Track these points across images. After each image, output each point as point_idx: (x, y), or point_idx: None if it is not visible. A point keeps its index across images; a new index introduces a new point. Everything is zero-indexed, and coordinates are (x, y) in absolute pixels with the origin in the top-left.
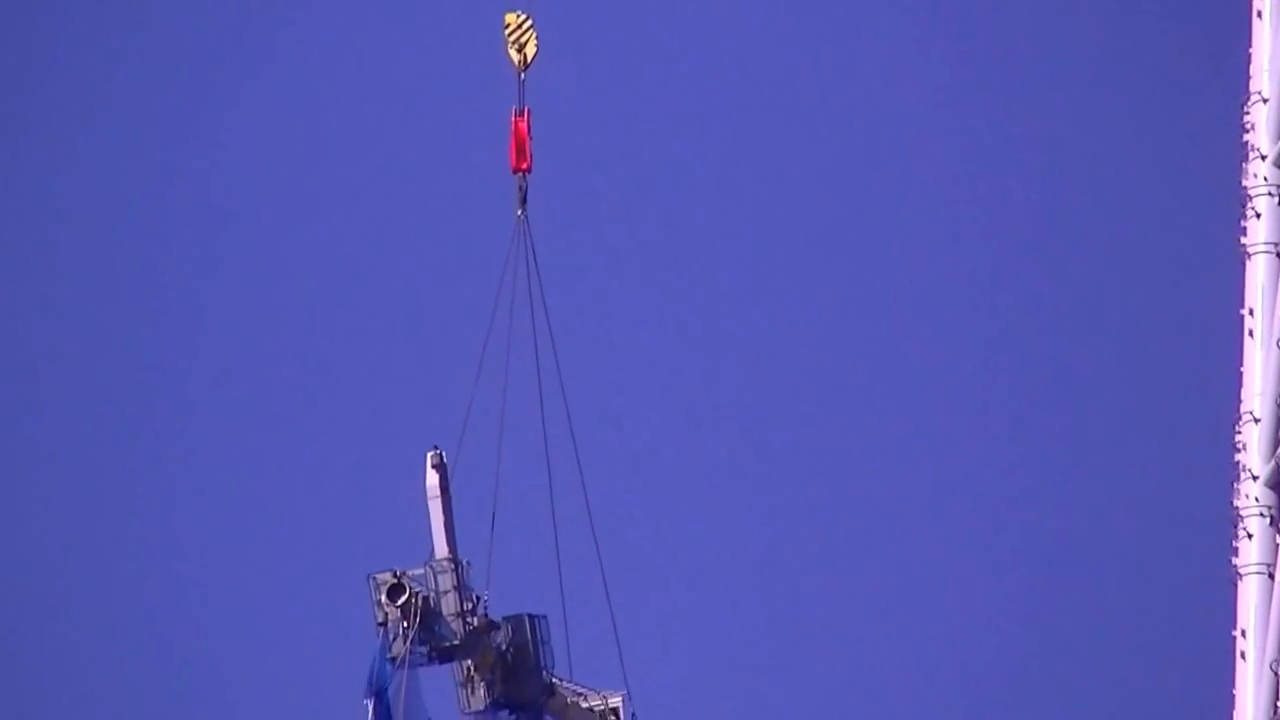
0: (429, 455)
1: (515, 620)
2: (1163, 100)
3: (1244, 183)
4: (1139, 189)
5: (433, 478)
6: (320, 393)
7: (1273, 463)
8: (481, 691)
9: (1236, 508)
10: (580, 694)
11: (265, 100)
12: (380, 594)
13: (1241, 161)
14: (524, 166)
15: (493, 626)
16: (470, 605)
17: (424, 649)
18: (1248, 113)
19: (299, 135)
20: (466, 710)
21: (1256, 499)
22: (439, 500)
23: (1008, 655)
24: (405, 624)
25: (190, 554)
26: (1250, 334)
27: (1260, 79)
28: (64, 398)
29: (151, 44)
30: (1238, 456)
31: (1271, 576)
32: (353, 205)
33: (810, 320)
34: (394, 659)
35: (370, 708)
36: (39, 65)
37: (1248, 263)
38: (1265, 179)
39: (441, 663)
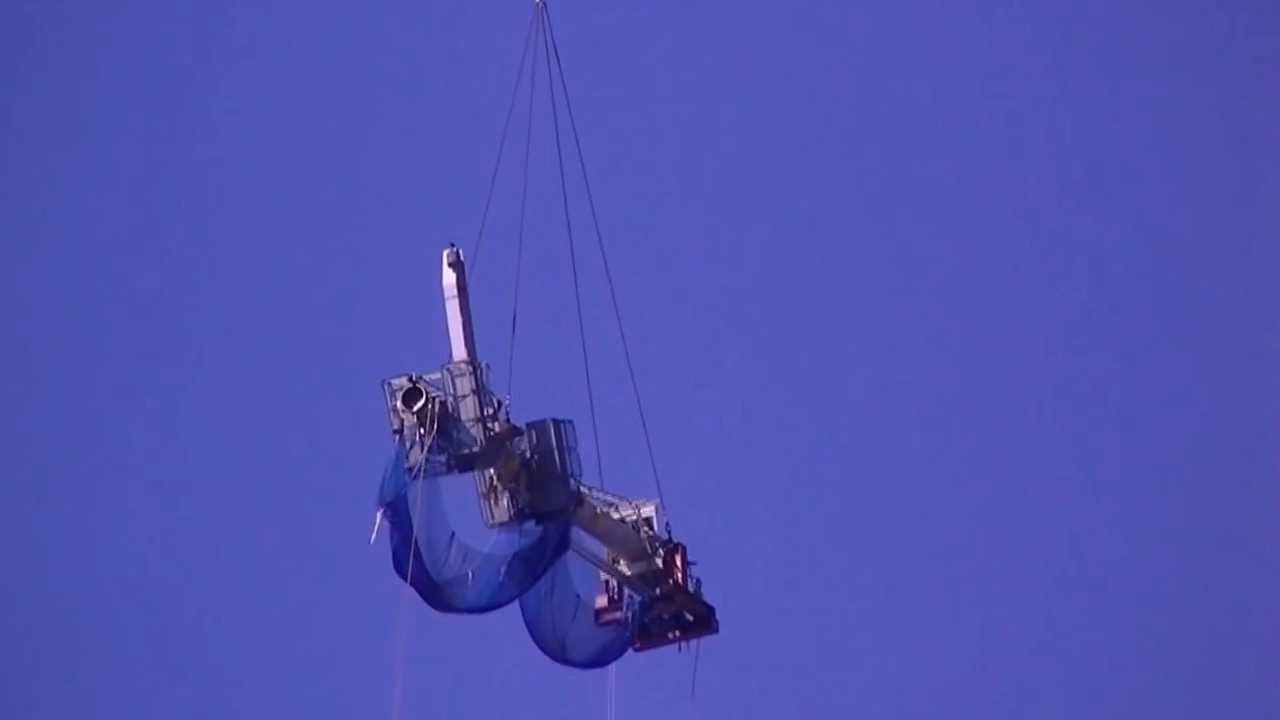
0: (445, 253)
1: (539, 426)
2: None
3: None
4: (1210, 213)
5: (449, 276)
6: (331, 189)
7: None
8: (505, 502)
9: None
10: (611, 503)
11: None
12: (395, 400)
13: None
14: None
15: (515, 432)
16: (491, 410)
17: (442, 458)
18: None
19: None
20: (490, 522)
21: None
22: (456, 300)
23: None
24: (422, 431)
25: (199, 355)
26: None
27: None
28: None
29: None
30: None
31: None
32: None
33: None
34: (411, 469)
35: (385, 520)
36: (40, 65)
37: None
38: None
39: (461, 472)
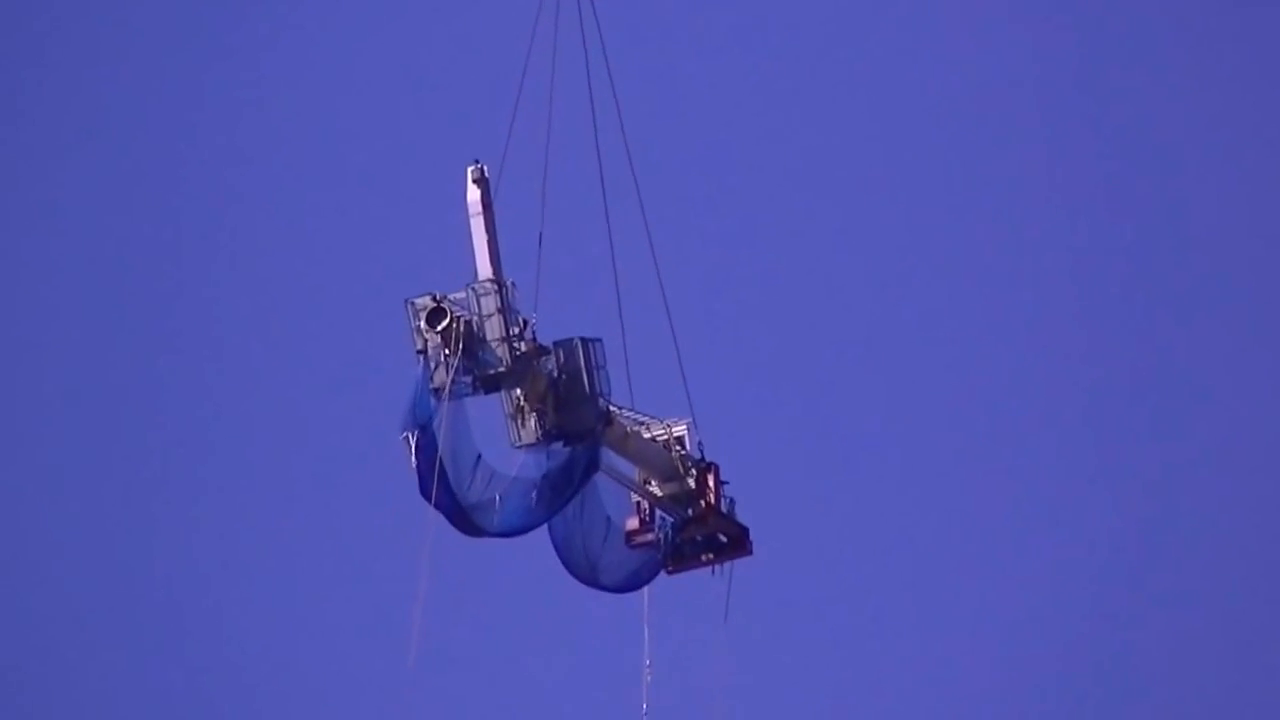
0: (469, 169)
1: (566, 345)
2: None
3: None
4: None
5: (474, 192)
6: (354, 105)
7: None
8: (533, 423)
9: None
10: (641, 423)
11: None
12: (419, 320)
13: None
14: None
15: (542, 352)
16: (517, 329)
17: (468, 378)
18: None
19: None
20: (517, 443)
21: None
22: (481, 217)
23: None
24: (446, 351)
25: (222, 275)
26: None
27: None
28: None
29: None
30: None
31: None
32: None
33: None
34: (436, 390)
35: (412, 442)
36: (40, 65)
37: None
38: None
39: (487, 392)
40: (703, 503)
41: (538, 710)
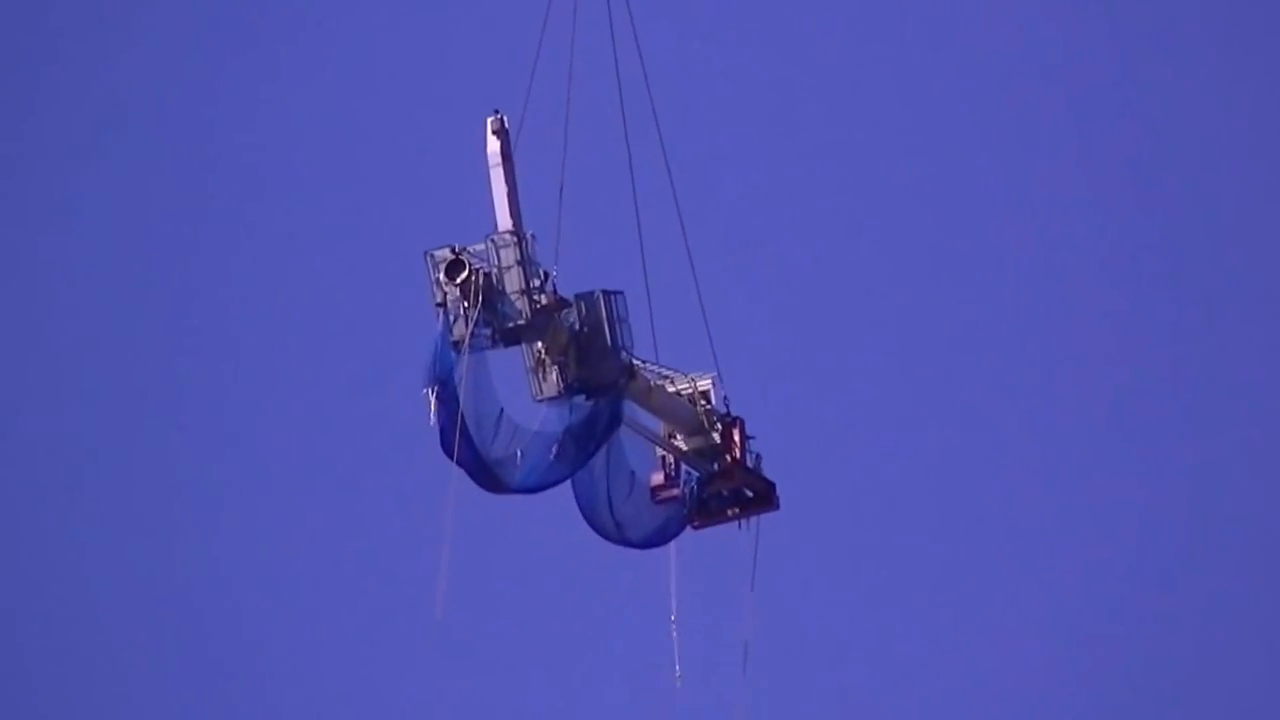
0: (489, 120)
1: (588, 297)
2: None
3: None
4: None
5: (493, 144)
6: (373, 57)
7: None
8: (554, 376)
9: None
10: (666, 376)
11: None
12: (438, 272)
13: None
14: None
15: (563, 305)
16: (537, 282)
17: (487, 331)
18: None
19: None
20: (539, 397)
21: None
22: (500, 168)
23: None
24: (466, 304)
25: (241, 231)
26: None
27: None
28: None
29: None
30: None
31: None
32: None
33: None
34: (456, 343)
35: (432, 397)
36: (40, 65)
37: None
38: None
39: (508, 345)
40: (728, 458)
41: (563, 668)
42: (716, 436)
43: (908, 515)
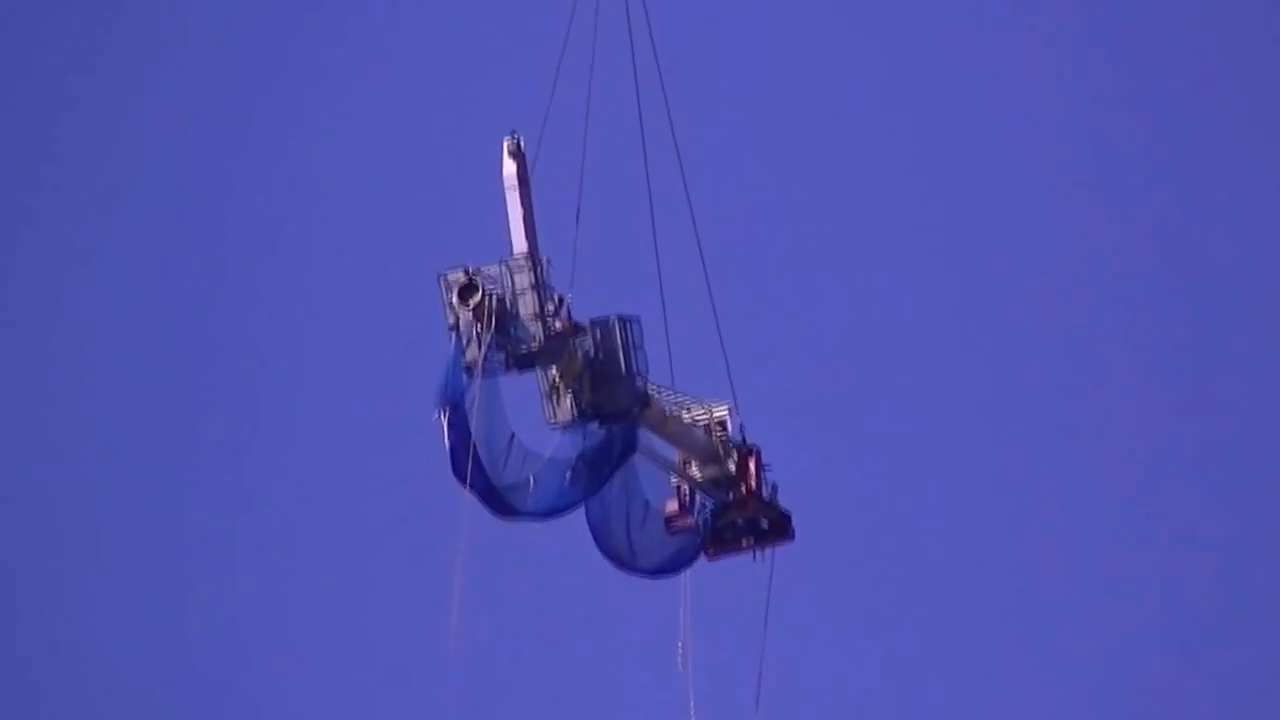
0: (505, 141)
1: (603, 323)
2: None
3: None
4: None
5: (510, 165)
6: (390, 79)
7: None
8: (568, 402)
9: None
10: (681, 404)
11: None
12: (451, 295)
13: None
14: None
15: (577, 330)
16: (552, 306)
17: (500, 355)
18: None
19: None
20: (552, 422)
21: None
22: (516, 190)
23: None
24: (479, 327)
25: (255, 250)
26: None
27: None
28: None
29: None
30: None
31: None
32: None
33: None
34: (468, 367)
35: (444, 421)
36: (43, 66)
37: None
38: None
39: (521, 370)
40: (744, 488)
41: (576, 695)
42: (732, 465)
43: (923, 547)
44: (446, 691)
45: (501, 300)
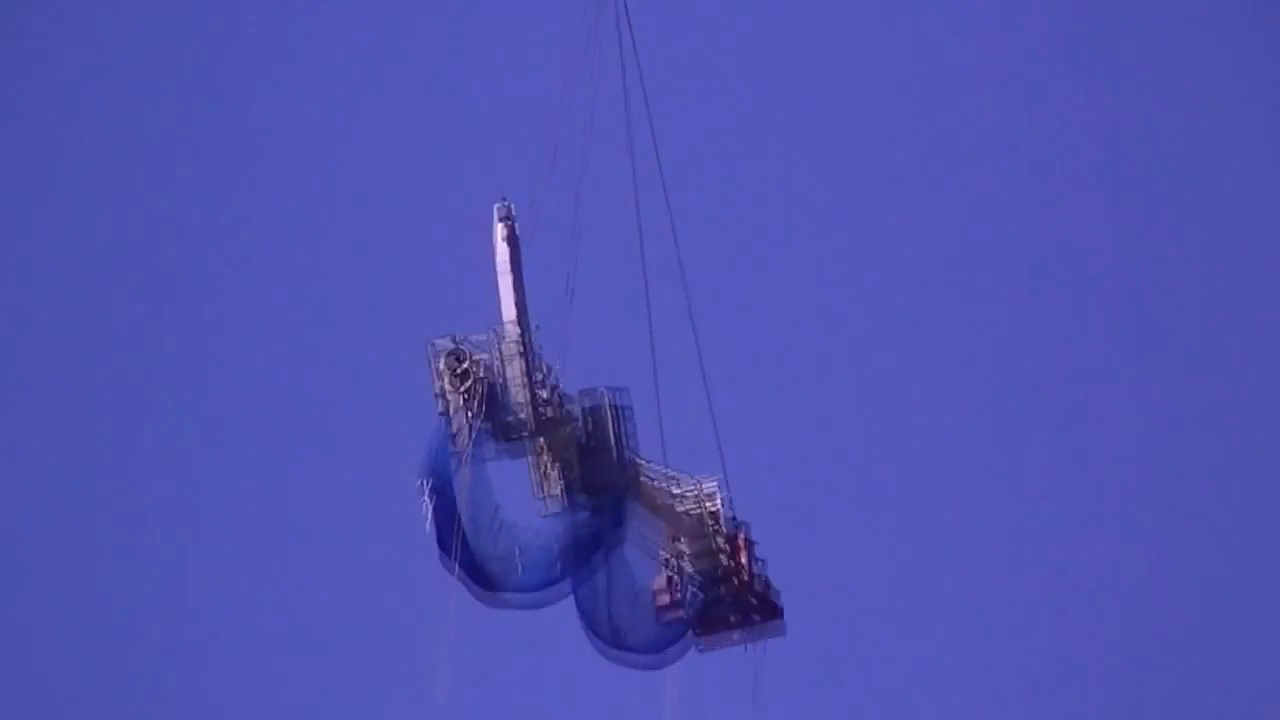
0: (496, 207)
1: (595, 411)
2: None
3: None
4: None
5: (500, 231)
6: (379, 136)
7: None
8: (556, 476)
9: None
10: (670, 478)
11: None
12: (442, 377)
13: None
14: None
15: (568, 419)
16: (540, 376)
17: (490, 440)
18: None
19: None
20: (541, 498)
21: None
22: (507, 258)
23: None
24: (470, 414)
25: (247, 309)
26: None
27: None
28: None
29: None
30: None
31: None
32: None
33: None
34: (457, 453)
35: (429, 504)
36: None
37: None
38: None
39: (510, 447)
40: (735, 580)
41: None
42: (721, 540)
43: (915, 624)
44: None
45: (492, 387)
